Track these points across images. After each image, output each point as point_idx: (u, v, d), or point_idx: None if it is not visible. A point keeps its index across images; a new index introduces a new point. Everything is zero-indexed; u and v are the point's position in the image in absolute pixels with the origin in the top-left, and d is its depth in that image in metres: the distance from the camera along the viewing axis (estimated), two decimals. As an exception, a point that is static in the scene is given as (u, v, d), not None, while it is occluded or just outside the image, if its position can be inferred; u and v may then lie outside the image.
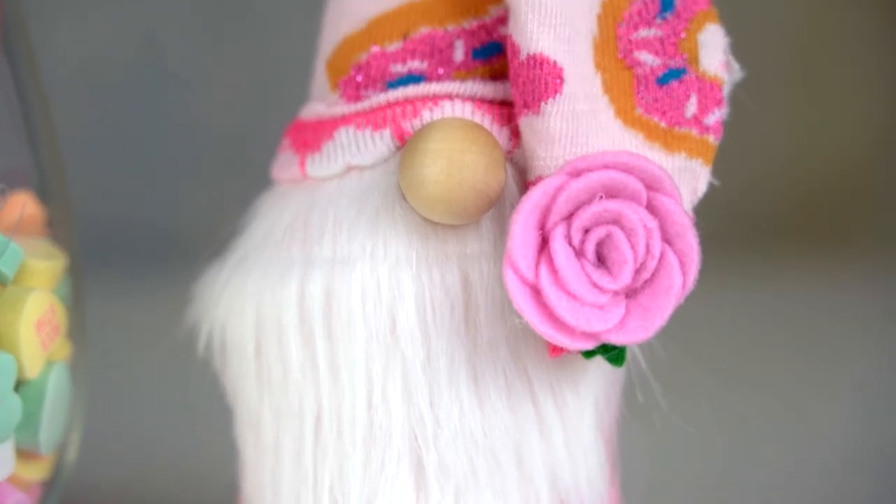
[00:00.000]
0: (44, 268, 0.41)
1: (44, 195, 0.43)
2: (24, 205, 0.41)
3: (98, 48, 0.93)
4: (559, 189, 0.39)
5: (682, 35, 0.42)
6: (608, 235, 0.39)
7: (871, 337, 0.81)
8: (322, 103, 0.44)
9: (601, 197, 0.39)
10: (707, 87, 0.42)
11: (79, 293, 0.43)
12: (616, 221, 0.39)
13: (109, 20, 0.93)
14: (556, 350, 0.40)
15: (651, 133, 0.41)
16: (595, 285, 0.39)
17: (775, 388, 0.73)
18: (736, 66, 0.42)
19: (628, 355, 0.41)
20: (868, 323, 0.83)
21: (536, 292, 0.39)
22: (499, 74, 0.42)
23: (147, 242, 0.91)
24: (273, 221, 0.43)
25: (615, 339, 0.39)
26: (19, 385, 0.40)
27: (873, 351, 0.79)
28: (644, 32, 0.41)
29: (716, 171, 0.42)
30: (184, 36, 0.94)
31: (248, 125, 0.92)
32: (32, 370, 0.40)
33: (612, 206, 0.39)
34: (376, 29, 0.43)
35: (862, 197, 0.96)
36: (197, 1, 0.94)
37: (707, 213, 0.42)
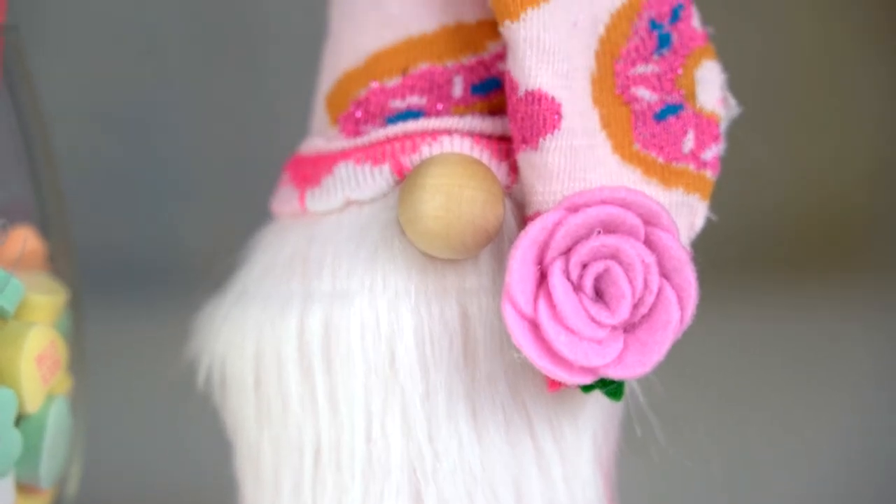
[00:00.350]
0: (45, 302, 0.41)
1: (45, 229, 0.43)
2: (25, 239, 0.41)
3: (97, 77, 0.93)
4: (557, 224, 0.39)
5: (680, 71, 0.42)
6: (606, 270, 0.39)
7: (872, 368, 0.81)
8: (322, 138, 0.44)
9: (599, 232, 0.39)
10: (704, 123, 0.42)
11: (79, 327, 0.43)
12: (614, 256, 0.39)
13: (108, 50, 0.93)
14: (554, 384, 0.40)
15: (649, 168, 0.42)
16: (593, 320, 0.39)
17: (775, 423, 0.73)
18: (733, 102, 0.43)
19: (626, 389, 0.42)
20: (869, 352, 0.83)
21: (535, 327, 0.39)
22: (497, 110, 0.43)
23: (146, 271, 0.91)
24: (273, 255, 0.44)
25: (613, 374, 0.39)
26: (20, 419, 0.40)
27: (875, 382, 0.79)
28: (641, 69, 0.42)
29: (714, 200, 0.42)
30: (183, 64, 0.94)
31: (247, 154, 0.92)
32: (33, 404, 0.40)
33: (610, 241, 0.39)
34: (375, 65, 0.43)
35: (861, 225, 0.96)
36: (196, 29, 0.94)
37: (704, 243, 0.42)
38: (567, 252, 0.39)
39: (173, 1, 0.93)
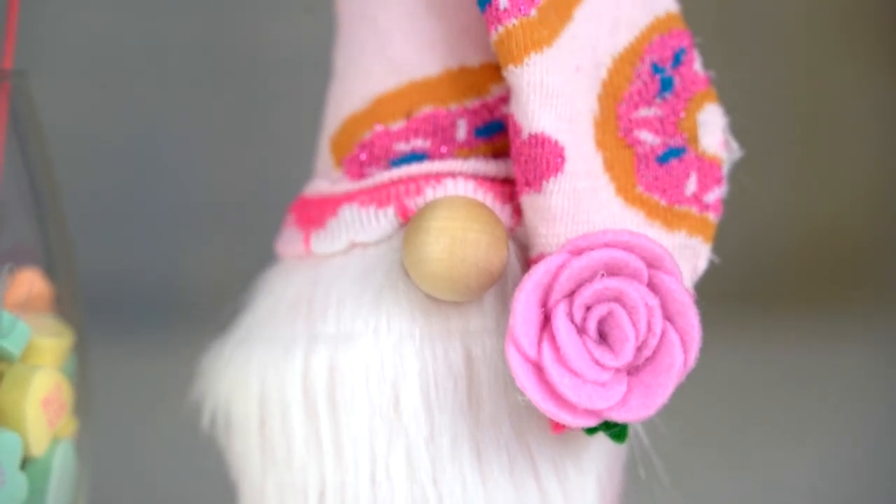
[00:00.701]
0: (51, 346, 0.41)
1: (51, 272, 0.43)
2: (31, 282, 0.42)
3: (101, 112, 0.94)
4: (561, 267, 0.39)
5: (682, 115, 0.42)
6: (610, 313, 0.39)
7: (877, 404, 0.81)
8: (326, 180, 0.44)
9: (603, 275, 0.39)
10: (707, 166, 0.42)
11: (85, 370, 0.43)
12: (618, 299, 0.39)
13: (113, 84, 0.93)
14: (558, 426, 0.40)
15: (652, 211, 0.42)
16: (597, 363, 0.39)
17: (779, 464, 0.73)
18: (735, 145, 0.43)
19: (630, 431, 0.42)
20: (874, 388, 0.83)
21: (539, 370, 0.39)
22: (501, 152, 0.43)
23: (150, 306, 0.91)
24: (277, 297, 0.44)
25: (617, 417, 0.39)
26: (25, 462, 0.40)
27: (880, 420, 0.79)
28: (644, 112, 0.42)
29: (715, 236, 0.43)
30: (189, 98, 0.94)
31: (252, 191, 0.93)
32: (38, 448, 0.40)
33: (614, 283, 0.39)
34: (380, 108, 0.43)
35: (861, 256, 0.96)
36: (202, 62, 0.94)
37: (703, 277, 0.42)
38: (571, 295, 0.40)
39: (178, 35, 0.94)
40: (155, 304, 0.91)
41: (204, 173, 0.95)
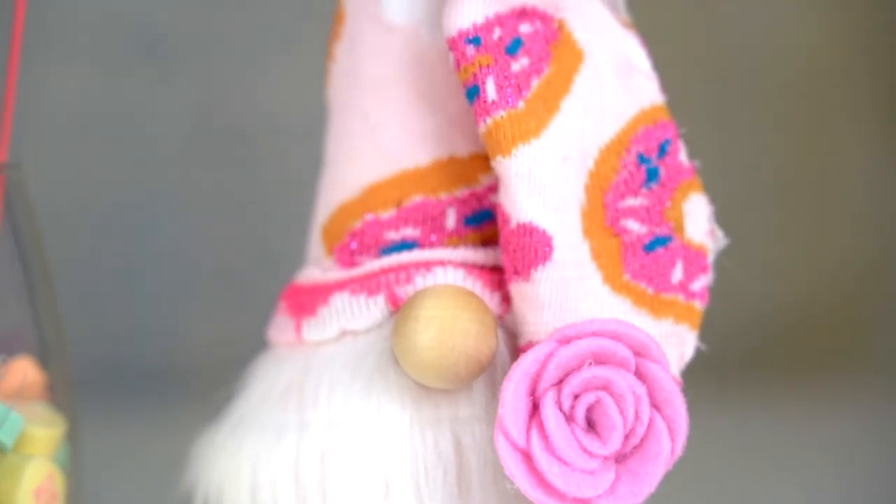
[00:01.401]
0: (43, 435, 0.41)
1: (44, 360, 0.44)
2: (24, 372, 0.42)
3: (92, 180, 0.94)
4: (549, 356, 0.40)
5: (668, 204, 0.43)
6: (598, 401, 0.40)
7: (862, 474, 0.81)
8: (317, 268, 0.45)
9: (590, 363, 0.40)
10: (692, 255, 0.43)
11: (77, 459, 0.44)
12: (605, 388, 0.40)
13: (102, 155, 0.94)
14: (547, 514, 0.41)
15: (638, 299, 0.42)
16: (585, 451, 0.40)
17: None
18: (720, 233, 0.43)
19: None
20: (857, 459, 0.83)
21: (528, 458, 0.39)
22: (490, 241, 0.43)
23: (143, 382, 0.92)
24: (269, 385, 0.44)
25: (605, 505, 0.39)
26: (17, 552, 0.41)
27: (865, 489, 0.79)
28: (630, 201, 0.42)
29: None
30: (180, 168, 0.95)
31: (243, 260, 0.93)
32: (31, 538, 0.41)
33: (602, 372, 0.40)
34: (370, 197, 0.44)
35: (855, 325, 0.96)
36: (195, 132, 0.95)
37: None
38: (559, 383, 0.40)
39: (170, 104, 0.94)
40: (148, 381, 0.91)
41: (195, 248, 0.95)
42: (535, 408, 0.40)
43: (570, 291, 0.41)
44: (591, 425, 0.40)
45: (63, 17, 0.92)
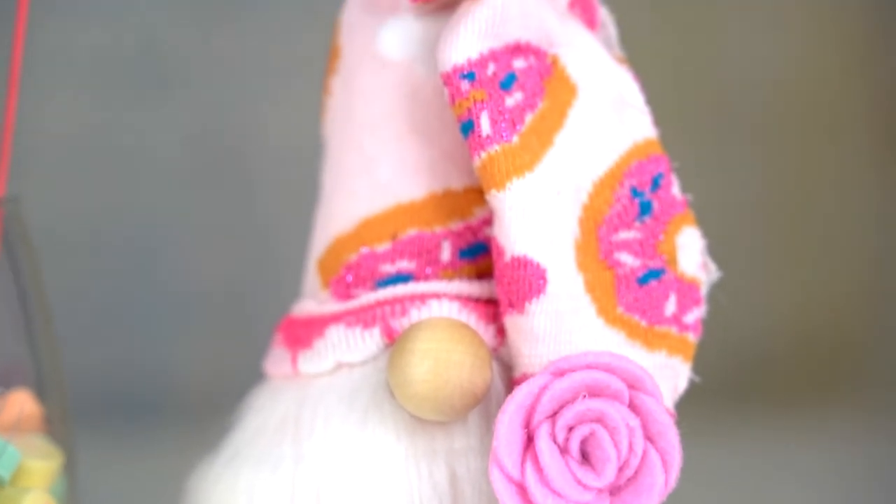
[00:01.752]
0: (41, 468, 0.42)
1: (41, 392, 0.44)
2: (22, 404, 0.42)
3: (90, 209, 0.94)
4: (543, 388, 0.40)
5: (661, 237, 0.43)
6: (592, 433, 0.40)
7: (864, 498, 0.81)
8: (313, 301, 0.45)
9: (585, 396, 0.40)
10: (686, 288, 0.43)
11: (74, 490, 0.44)
12: (599, 420, 0.40)
13: (101, 177, 0.94)
14: (542, 546, 0.41)
15: (632, 331, 0.43)
16: (580, 483, 0.40)
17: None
18: (713, 266, 0.44)
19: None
20: (853, 487, 0.83)
21: (522, 490, 0.40)
22: (484, 273, 0.44)
23: (138, 410, 0.92)
24: (265, 417, 0.44)
25: (599, 537, 0.40)
26: (14, 585, 0.41)
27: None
28: (624, 234, 0.43)
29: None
30: (178, 198, 0.95)
31: (241, 292, 0.93)
32: (28, 571, 0.41)
33: (596, 405, 0.40)
34: (366, 230, 0.44)
35: (849, 356, 0.96)
36: (192, 160, 0.95)
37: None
38: (553, 415, 0.40)
39: (168, 132, 0.95)
40: (145, 412, 0.91)
41: (193, 279, 0.95)
42: (529, 440, 0.40)
43: (565, 324, 0.41)
44: (585, 457, 0.40)
45: (58, 44, 0.93)
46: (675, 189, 0.44)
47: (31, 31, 0.44)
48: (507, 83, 0.42)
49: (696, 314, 0.43)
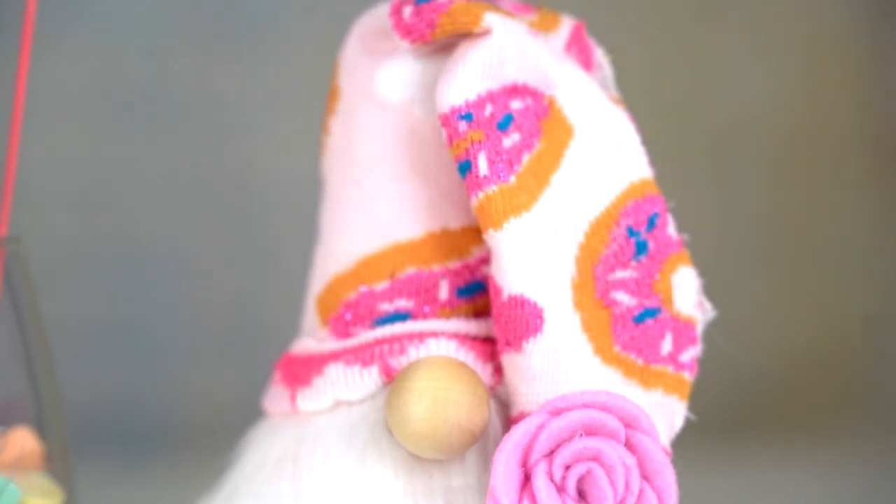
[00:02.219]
0: (41, 506, 0.42)
1: (42, 430, 0.44)
2: (23, 442, 0.42)
3: (87, 240, 0.94)
4: (540, 427, 0.40)
5: (657, 277, 0.43)
6: (589, 472, 0.40)
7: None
8: (313, 338, 0.45)
9: (581, 434, 0.40)
10: (681, 327, 0.44)
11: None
12: (596, 458, 0.40)
13: (101, 208, 0.94)
14: (539, 584, 0.41)
15: (628, 370, 0.43)
16: (576, 521, 0.40)
17: None
18: (708, 305, 0.44)
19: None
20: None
21: (519, 528, 0.40)
22: (482, 312, 0.44)
23: (139, 446, 0.92)
24: (263, 454, 0.45)
25: (596, 576, 0.40)
26: None
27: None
28: (620, 274, 0.43)
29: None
30: (177, 232, 0.95)
31: (241, 319, 0.93)
32: None
33: (592, 443, 0.40)
34: (364, 269, 0.44)
35: (846, 392, 0.97)
36: (188, 193, 0.95)
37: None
38: (550, 454, 0.41)
39: (167, 166, 0.95)
40: (145, 448, 0.91)
41: (193, 313, 0.96)
42: (526, 478, 0.40)
43: (561, 363, 0.42)
44: (582, 496, 0.41)
45: (58, 79, 0.93)
46: (671, 228, 0.44)
47: (30, 66, 0.45)
48: (505, 124, 0.42)
49: (691, 353, 0.44)
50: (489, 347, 0.43)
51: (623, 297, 0.43)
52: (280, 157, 0.94)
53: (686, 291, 0.44)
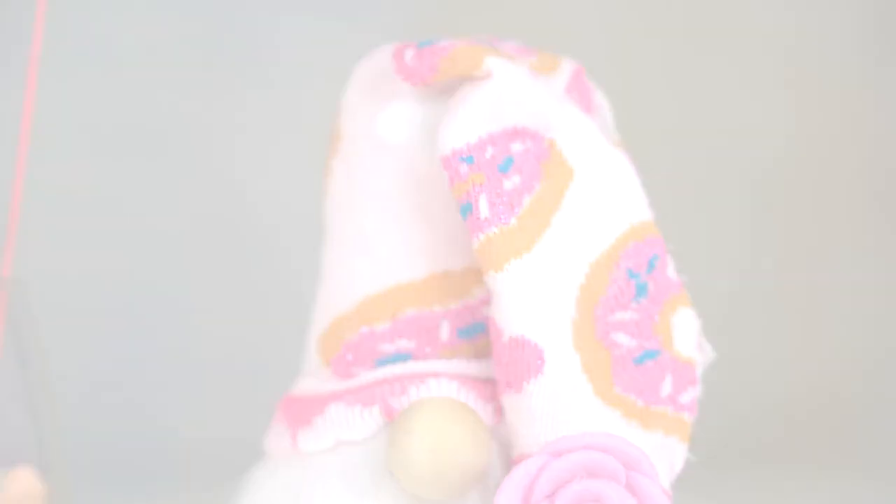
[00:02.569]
0: (44, 547, 0.42)
1: (44, 469, 0.44)
2: (26, 482, 0.43)
3: (90, 268, 0.94)
4: (541, 469, 0.41)
5: (657, 318, 0.44)
6: (589, 513, 0.40)
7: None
8: (314, 379, 0.46)
9: (582, 476, 0.40)
10: (681, 368, 0.44)
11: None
12: (597, 501, 0.40)
13: (102, 242, 0.94)
14: None
15: (629, 411, 0.43)
16: (577, 563, 0.40)
17: None
18: (708, 347, 0.44)
19: None
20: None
21: (520, 570, 0.40)
22: (483, 353, 0.44)
23: (140, 483, 0.92)
24: (265, 494, 0.45)
25: None
26: None
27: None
28: (620, 315, 0.43)
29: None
30: (179, 269, 0.95)
31: (244, 355, 0.93)
32: None
33: (593, 485, 0.40)
34: (366, 310, 0.45)
35: (846, 424, 0.97)
36: (189, 225, 0.95)
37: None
38: (551, 495, 0.41)
39: (171, 200, 0.95)
40: (146, 486, 0.91)
41: (195, 352, 0.96)
42: (527, 520, 0.41)
43: (562, 404, 0.42)
44: (582, 537, 0.41)
45: (60, 111, 0.94)
46: (671, 270, 0.44)
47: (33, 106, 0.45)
48: (506, 166, 0.43)
49: (691, 394, 0.44)
50: (490, 388, 0.44)
51: (623, 339, 0.43)
52: (283, 192, 0.94)
53: (686, 333, 0.44)
